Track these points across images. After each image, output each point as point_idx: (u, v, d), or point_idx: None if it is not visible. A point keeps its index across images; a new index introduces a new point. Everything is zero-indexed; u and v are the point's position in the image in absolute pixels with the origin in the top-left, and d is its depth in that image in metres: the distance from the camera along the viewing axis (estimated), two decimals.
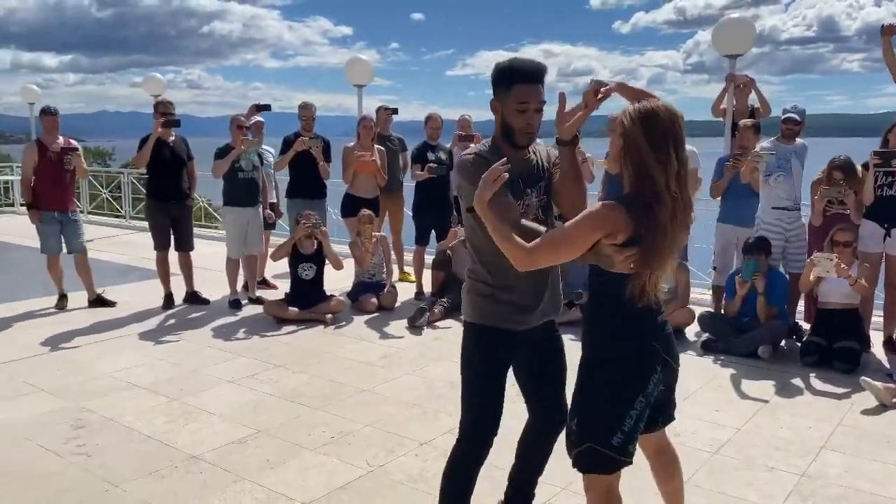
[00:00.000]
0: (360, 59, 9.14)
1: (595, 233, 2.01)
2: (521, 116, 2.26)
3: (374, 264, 6.49)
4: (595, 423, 2.14)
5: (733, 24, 6.49)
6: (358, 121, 6.83)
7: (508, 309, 2.36)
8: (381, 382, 4.53)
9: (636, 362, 2.13)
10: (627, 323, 2.13)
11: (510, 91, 2.25)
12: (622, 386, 2.12)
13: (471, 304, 2.42)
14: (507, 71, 2.26)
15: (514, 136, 2.30)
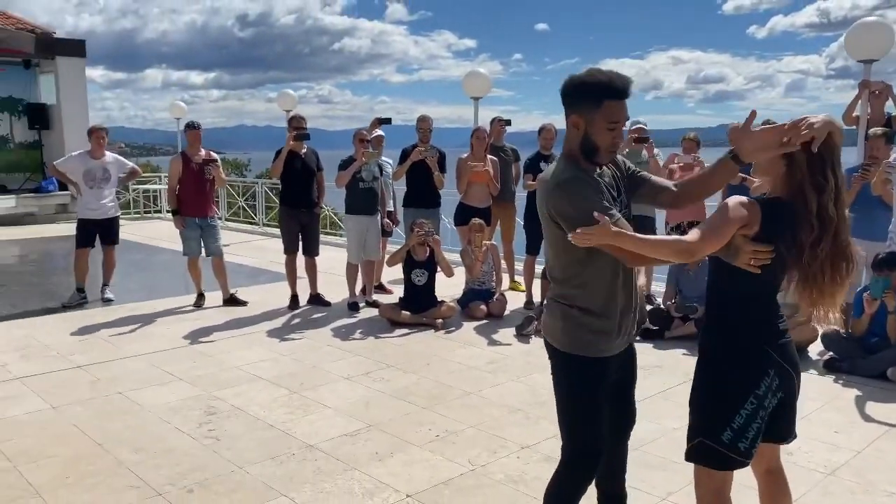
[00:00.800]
0: (478, 72, 9.33)
1: (735, 223, 2.09)
2: (610, 134, 2.20)
3: (484, 272, 6.63)
4: (705, 419, 2.22)
5: (868, 27, 6.14)
6: (472, 132, 7.01)
7: (604, 338, 2.32)
8: (487, 387, 4.65)
9: (746, 361, 2.18)
10: (741, 328, 2.20)
11: (600, 107, 2.16)
12: (731, 383, 2.18)
13: (565, 332, 2.33)
14: (598, 86, 2.16)
15: (598, 154, 2.23)
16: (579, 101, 2.20)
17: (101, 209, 7.00)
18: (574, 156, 2.26)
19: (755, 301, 2.21)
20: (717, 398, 2.20)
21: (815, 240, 2.08)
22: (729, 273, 2.18)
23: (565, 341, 2.34)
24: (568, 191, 2.17)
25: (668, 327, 5.77)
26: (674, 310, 5.86)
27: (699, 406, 2.25)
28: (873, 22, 6.23)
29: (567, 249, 2.21)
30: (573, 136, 2.24)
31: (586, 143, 2.22)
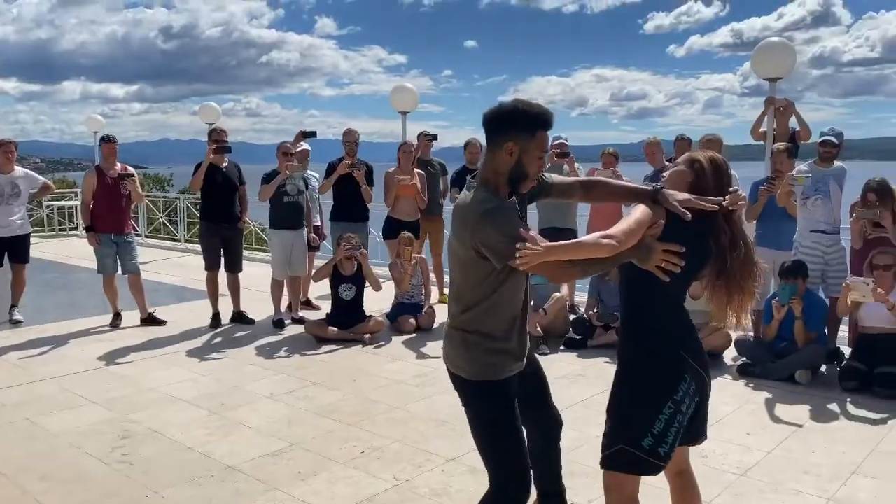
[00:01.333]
0: (405, 87, 9.37)
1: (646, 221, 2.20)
2: (539, 162, 2.25)
3: (414, 286, 6.63)
4: (625, 426, 2.27)
5: (772, 47, 6.46)
6: (398, 146, 7.02)
7: (509, 359, 2.35)
8: (414, 401, 4.64)
9: (664, 367, 2.25)
10: (657, 335, 2.29)
11: (534, 137, 2.19)
12: (650, 389, 2.25)
13: (472, 361, 2.32)
14: (534, 117, 2.19)
15: (525, 181, 2.24)
16: (515, 130, 2.20)
17: (9, 226, 6.68)
18: (494, 182, 2.25)
19: (668, 309, 2.29)
20: (637, 405, 2.26)
21: (732, 244, 2.23)
22: (641, 283, 2.25)
23: (473, 370, 2.34)
24: (495, 221, 2.15)
25: (591, 336, 5.90)
26: (595, 319, 5.99)
27: (619, 413, 2.31)
28: (777, 42, 6.56)
29: (484, 274, 2.23)
30: (504, 161, 2.21)
31: (517, 170, 2.22)
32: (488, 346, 2.31)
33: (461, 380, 2.38)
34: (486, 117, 2.25)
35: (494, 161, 2.24)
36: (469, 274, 2.29)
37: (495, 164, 2.24)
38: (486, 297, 2.28)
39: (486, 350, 2.32)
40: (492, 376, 2.33)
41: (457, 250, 2.29)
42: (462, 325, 2.34)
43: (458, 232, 2.26)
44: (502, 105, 2.24)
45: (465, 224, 2.20)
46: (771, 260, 5.57)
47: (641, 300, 2.31)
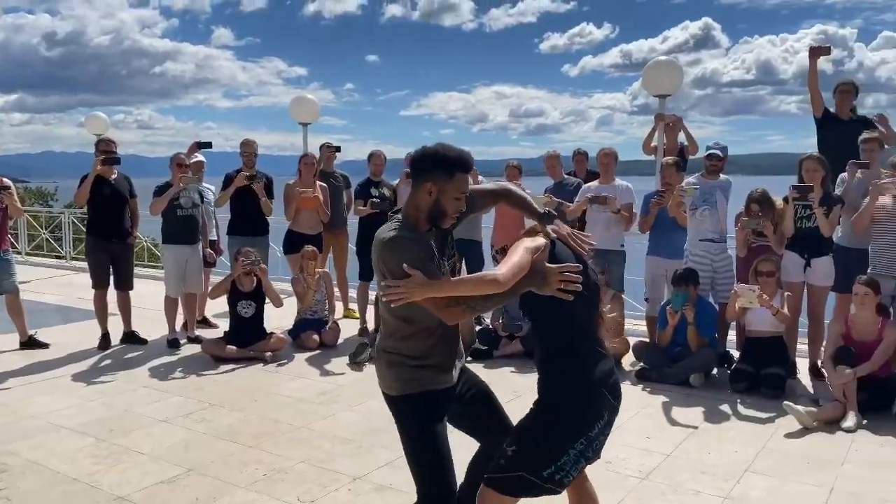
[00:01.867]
0: (305, 98, 9.22)
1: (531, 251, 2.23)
2: (457, 203, 2.36)
3: (317, 301, 6.48)
4: (531, 456, 2.26)
5: (661, 65, 6.78)
6: (300, 158, 6.88)
7: (433, 372, 2.41)
8: (318, 419, 4.51)
9: (583, 405, 2.26)
10: (576, 364, 2.29)
11: (452, 179, 2.31)
12: (566, 427, 2.25)
13: (396, 378, 2.42)
14: (452, 161, 2.31)
15: (443, 219, 2.36)
16: (434, 172, 2.32)
17: None
18: (414, 217, 2.36)
19: (579, 340, 2.30)
20: (549, 440, 2.25)
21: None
22: (546, 316, 2.29)
23: (398, 386, 2.42)
24: (392, 250, 2.27)
25: (497, 346, 5.94)
26: (500, 329, 6.05)
27: (527, 442, 2.28)
28: (665, 61, 6.89)
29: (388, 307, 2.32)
30: (424, 200, 2.33)
31: (436, 209, 2.34)
32: (412, 364, 2.40)
33: (388, 397, 2.48)
34: (411, 158, 2.40)
35: (416, 198, 2.36)
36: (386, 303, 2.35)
37: (416, 200, 2.36)
38: (403, 320, 2.38)
39: (409, 366, 2.40)
40: (414, 389, 2.40)
41: (377, 276, 2.40)
42: (385, 348, 2.46)
43: (373, 255, 2.37)
44: (426, 148, 2.36)
45: (374, 250, 2.34)
46: (663, 268, 5.83)
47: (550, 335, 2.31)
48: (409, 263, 2.22)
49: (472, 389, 2.59)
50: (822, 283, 5.27)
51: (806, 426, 4.26)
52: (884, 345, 4.56)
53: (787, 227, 5.23)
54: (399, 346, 2.41)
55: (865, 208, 4.99)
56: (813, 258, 5.22)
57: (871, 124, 5.88)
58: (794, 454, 3.91)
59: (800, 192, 5.08)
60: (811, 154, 5.31)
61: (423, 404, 2.39)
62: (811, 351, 5.42)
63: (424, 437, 2.39)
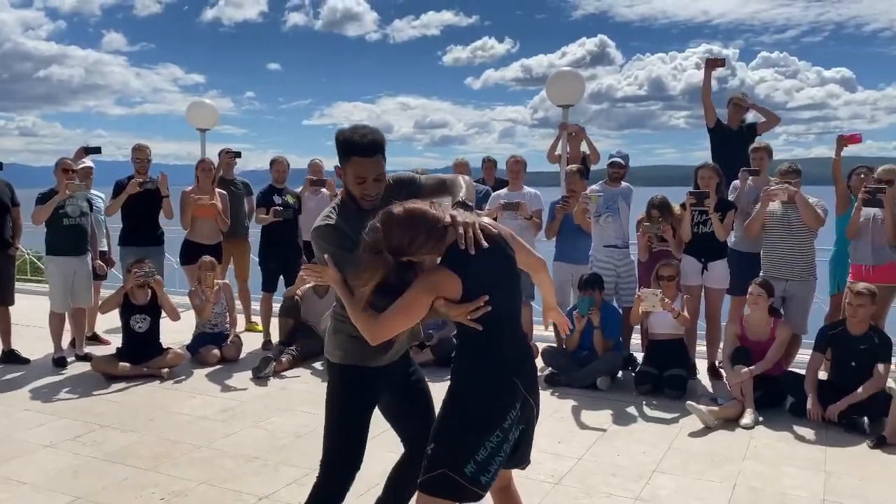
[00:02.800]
0: (203, 102, 8.86)
1: (427, 295, 2.16)
2: (359, 187, 2.37)
3: (217, 314, 6.19)
4: (449, 451, 2.19)
5: (565, 76, 6.93)
6: (197, 163, 6.57)
7: (373, 349, 2.37)
8: (220, 437, 4.28)
9: (494, 393, 2.19)
10: (489, 358, 2.23)
11: (349, 163, 2.35)
12: (478, 417, 2.18)
13: (338, 346, 2.48)
14: (345, 144, 2.34)
15: (357, 201, 2.40)
16: (339, 156, 2.39)
17: None
18: (345, 202, 2.43)
19: (498, 329, 2.22)
20: (463, 430, 2.18)
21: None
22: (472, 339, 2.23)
23: (338, 354, 2.48)
24: (316, 237, 2.36)
25: None
26: None
27: (443, 437, 2.22)
28: (568, 72, 7.04)
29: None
30: (344, 184, 2.44)
31: (348, 192, 2.42)
32: (355, 334, 2.34)
33: (328, 363, 2.55)
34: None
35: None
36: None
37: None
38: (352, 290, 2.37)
39: (350, 336, 2.40)
40: (351, 360, 2.45)
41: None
42: (339, 316, 2.48)
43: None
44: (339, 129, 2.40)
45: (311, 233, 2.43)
46: (569, 273, 5.92)
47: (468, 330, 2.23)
48: (329, 254, 2.29)
49: (413, 385, 2.62)
50: (718, 286, 5.49)
51: (708, 425, 4.40)
52: (776, 344, 4.78)
53: (684, 232, 5.42)
54: (346, 314, 2.36)
55: (757, 214, 5.24)
56: (709, 262, 5.43)
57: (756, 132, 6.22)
58: (698, 453, 4.03)
59: (696, 198, 5.28)
60: (706, 162, 5.54)
61: (357, 377, 2.46)
62: (709, 352, 5.64)
63: (350, 405, 2.48)
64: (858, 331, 4.55)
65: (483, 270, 2.17)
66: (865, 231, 5.09)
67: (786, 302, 5.17)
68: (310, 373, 5.74)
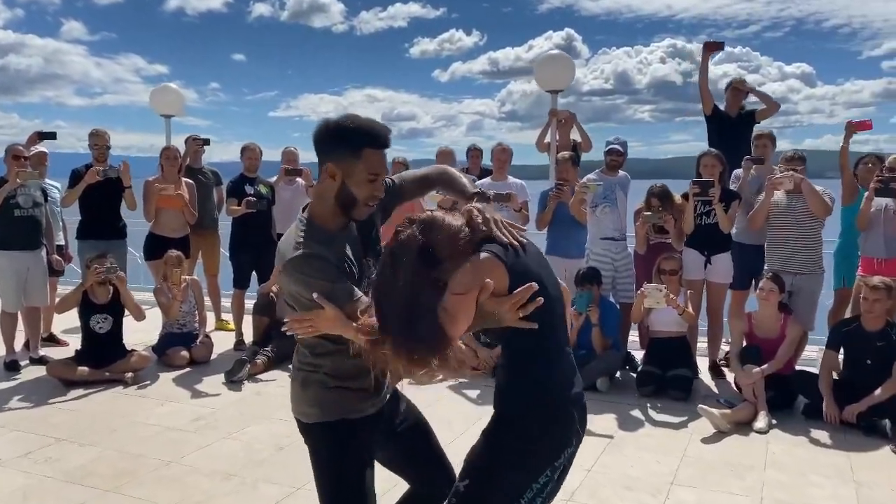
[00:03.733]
0: (169, 87, 8.37)
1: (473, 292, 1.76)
2: (370, 186, 1.92)
3: (185, 312, 5.74)
4: (488, 491, 1.84)
5: (554, 60, 6.59)
6: (161, 151, 6.10)
7: (357, 396, 2.00)
8: (192, 451, 3.87)
9: (552, 426, 1.84)
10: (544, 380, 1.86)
11: (360, 157, 1.88)
12: (530, 454, 1.83)
13: (312, 402, 2.00)
14: (359, 133, 1.88)
15: (356, 207, 1.93)
16: (336, 150, 1.91)
17: None
18: (320, 213, 1.95)
19: (551, 337, 1.88)
20: (508, 468, 1.82)
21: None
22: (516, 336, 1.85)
23: (313, 411, 2.01)
24: (299, 271, 1.86)
25: None
26: None
27: (483, 474, 1.87)
28: (557, 55, 6.71)
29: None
30: (328, 187, 1.92)
31: (344, 196, 1.92)
32: (331, 384, 1.99)
33: (301, 424, 2.06)
34: (313, 137, 1.96)
35: (320, 187, 1.95)
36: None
37: (321, 189, 1.95)
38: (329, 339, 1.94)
39: (328, 388, 1.99)
40: (334, 415, 1.99)
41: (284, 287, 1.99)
42: (305, 366, 2.03)
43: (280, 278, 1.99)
44: (327, 121, 1.93)
45: (282, 271, 1.92)
46: (562, 268, 5.56)
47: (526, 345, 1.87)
48: (320, 292, 1.81)
49: (407, 421, 2.17)
50: (721, 281, 5.21)
51: (720, 429, 4.12)
52: (787, 342, 4.52)
53: (687, 223, 5.13)
54: (318, 362, 1.99)
55: (761, 204, 4.97)
56: (713, 255, 5.15)
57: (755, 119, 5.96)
58: (715, 461, 3.73)
59: (701, 187, 4.99)
60: (709, 150, 5.25)
61: (343, 434, 1.99)
62: (711, 349, 5.37)
63: (343, 475, 2.00)
64: (874, 327, 4.30)
65: (524, 265, 1.83)
66: (877, 222, 4.85)
67: (792, 297, 4.91)
68: (287, 375, 5.33)
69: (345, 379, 1.97)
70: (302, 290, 1.85)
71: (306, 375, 2.01)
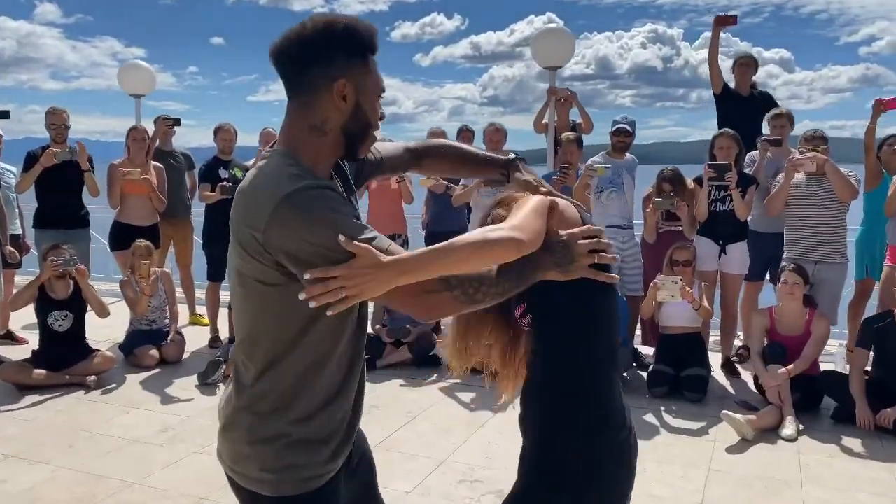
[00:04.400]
0: (138, 65, 7.82)
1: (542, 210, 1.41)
2: (378, 105, 1.42)
3: (154, 308, 5.26)
4: None
5: (552, 34, 6.14)
6: (127, 132, 5.60)
7: (330, 449, 1.41)
8: (159, 469, 3.43)
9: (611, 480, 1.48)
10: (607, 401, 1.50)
11: (368, 66, 1.39)
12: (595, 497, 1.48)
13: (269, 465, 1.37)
14: (362, 35, 1.36)
15: (367, 136, 1.41)
16: (349, 58, 1.35)
17: None
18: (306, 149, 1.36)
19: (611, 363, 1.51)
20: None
21: None
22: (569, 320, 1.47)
23: (268, 480, 1.38)
24: (310, 209, 1.26)
25: (380, 355, 5.05)
26: (385, 335, 5.17)
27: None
28: (556, 29, 6.26)
29: (289, 305, 1.30)
30: (334, 112, 1.36)
31: (356, 122, 1.38)
32: (298, 435, 1.38)
33: (243, 491, 1.43)
34: (288, 45, 1.34)
35: (314, 114, 1.35)
36: (262, 306, 1.36)
37: (316, 118, 1.35)
38: (294, 343, 1.35)
39: (293, 442, 1.37)
40: (299, 487, 1.38)
41: (238, 266, 1.36)
42: (253, 402, 1.38)
43: (239, 231, 1.33)
44: (314, 21, 1.34)
45: (253, 216, 1.28)
46: None
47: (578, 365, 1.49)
48: (346, 233, 1.23)
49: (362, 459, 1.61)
50: (737, 272, 4.85)
51: (746, 437, 3.74)
52: (814, 339, 4.15)
53: (700, 210, 4.74)
54: (281, 394, 1.36)
55: (780, 188, 4.59)
56: (728, 244, 4.77)
57: (774, 101, 5.57)
58: (746, 476, 3.35)
59: (717, 171, 4.60)
60: (725, 130, 4.86)
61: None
62: (724, 345, 5.01)
63: None
64: None
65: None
66: None
67: (814, 288, 4.53)
68: None
69: (311, 421, 1.38)
70: (323, 239, 1.24)
71: (256, 420, 1.37)
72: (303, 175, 1.30)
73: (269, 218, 1.25)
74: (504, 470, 3.03)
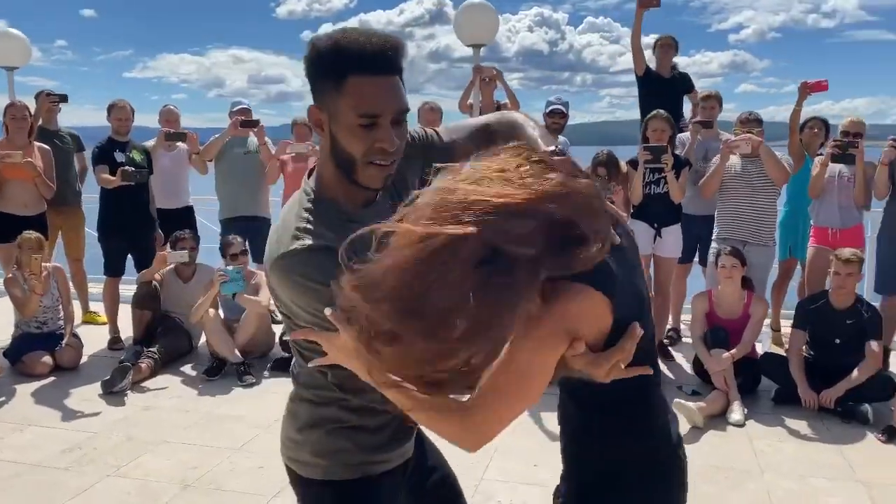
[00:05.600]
0: (10, 33, 6.93)
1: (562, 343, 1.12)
2: (365, 136, 1.22)
3: (46, 307, 4.67)
4: None
5: (475, 9, 5.87)
6: (4, 109, 4.93)
7: (383, 440, 1.39)
8: (69, 497, 2.98)
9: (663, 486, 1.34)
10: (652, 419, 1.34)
11: (342, 90, 1.20)
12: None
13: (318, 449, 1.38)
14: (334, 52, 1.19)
15: (355, 170, 1.25)
16: (319, 81, 1.24)
17: None
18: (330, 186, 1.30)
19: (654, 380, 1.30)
20: None
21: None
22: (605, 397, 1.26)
23: (319, 465, 1.39)
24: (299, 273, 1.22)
25: None
26: None
27: None
28: (479, 4, 6.00)
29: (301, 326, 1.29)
30: (323, 145, 1.29)
31: (338, 154, 1.26)
32: (351, 423, 1.38)
33: (297, 477, 1.44)
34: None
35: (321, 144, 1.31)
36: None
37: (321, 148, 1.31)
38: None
39: (344, 428, 1.38)
40: (347, 472, 1.39)
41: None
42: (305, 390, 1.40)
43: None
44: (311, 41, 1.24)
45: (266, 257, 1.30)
46: None
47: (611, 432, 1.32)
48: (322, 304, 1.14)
49: (436, 474, 1.58)
50: (670, 255, 4.80)
51: (697, 425, 3.69)
52: (753, 322, 4.16)
53: (636, 193, 4.67)
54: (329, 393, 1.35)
55: (715, 170, 4.59)
56: (663, 227, 4.73)
57: (692, 83, 5.62)
58: (704, 467, 3.27)
59: (653, 153, 4.53)
60: (658, 112, 4.78)
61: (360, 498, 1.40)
62: (657, 329, 4.99)
63: None
64: (844, 304, 4.01)
65: (625, 279, 1.19)
66: (830, 190, 4.62)
67: None
68: (180, 381, 4.45)
69: (361, 413, 1.36)
70: (302, 300, 1.22)
71: (307, 409, 1.38)
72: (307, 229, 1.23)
73: (270, 268, 1.27)
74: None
